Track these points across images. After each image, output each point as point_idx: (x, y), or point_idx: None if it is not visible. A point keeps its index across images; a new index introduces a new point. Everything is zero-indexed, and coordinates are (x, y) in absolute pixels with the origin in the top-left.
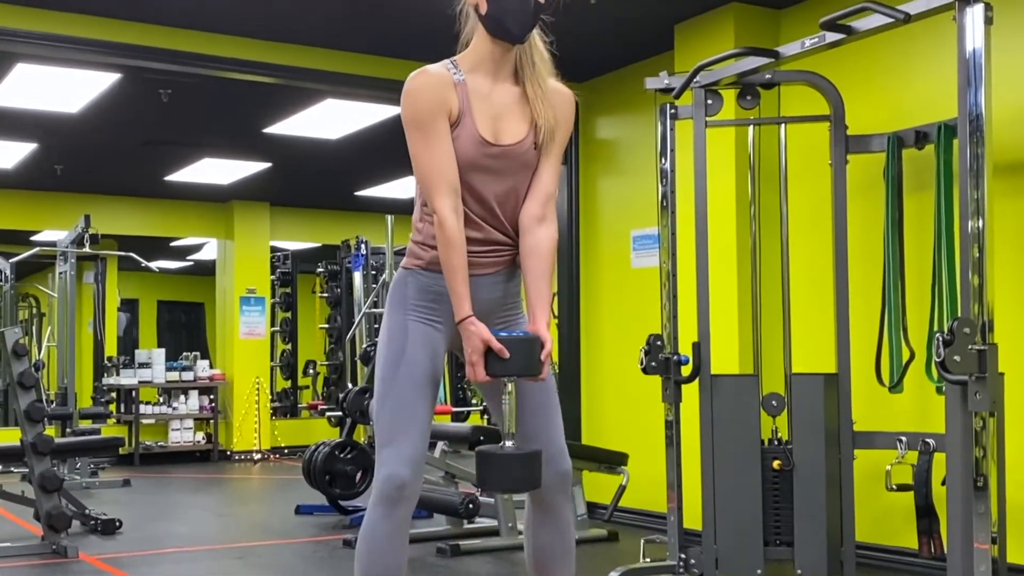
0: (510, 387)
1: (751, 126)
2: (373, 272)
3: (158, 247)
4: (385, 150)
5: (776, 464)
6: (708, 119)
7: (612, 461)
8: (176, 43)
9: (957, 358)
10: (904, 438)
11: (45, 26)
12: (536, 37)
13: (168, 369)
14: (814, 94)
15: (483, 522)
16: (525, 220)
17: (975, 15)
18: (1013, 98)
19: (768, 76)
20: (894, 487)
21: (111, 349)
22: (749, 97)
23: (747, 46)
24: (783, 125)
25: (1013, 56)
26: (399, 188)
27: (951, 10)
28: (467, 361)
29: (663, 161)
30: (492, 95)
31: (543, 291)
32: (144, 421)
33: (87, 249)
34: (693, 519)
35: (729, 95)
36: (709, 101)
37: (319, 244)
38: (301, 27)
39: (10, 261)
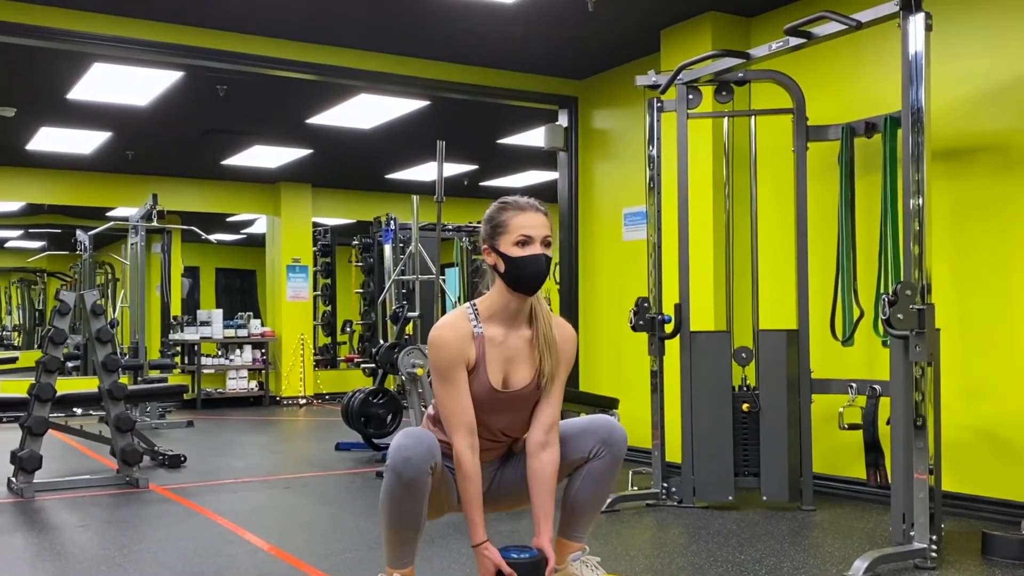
0: None
1: (726, 118)
2: (401, 244)
3: (216, 222)
4: (411, 139)
5: (745, 407)
6: (689, 112)
7: (605, 405)
8: (231, 45)
9: (900, 316)
10: (854, 384)
11: (118, 30)
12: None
13: (225, 327)
14: (779, 90)
15: None
16: (532, 447)
17: (917, 23)
18: (949, 94)
19: (740, 75)
20: (846, 426)
21: (176, 309)
22: (724, 93)
23: (722, 49)
24: (753, 117)
25: (950, 58)
26: (423, 172)
27: (897, 18)
28: None
29: (650, 148)
30: (506, 341)
31: (548, 509)
32: (205, 371)
33: (155, 223)
34: (674, 454)
35: (707, 91)
36: (690, 96)
37: (354, 220)
38: (339, 31)
39: (89, 234)
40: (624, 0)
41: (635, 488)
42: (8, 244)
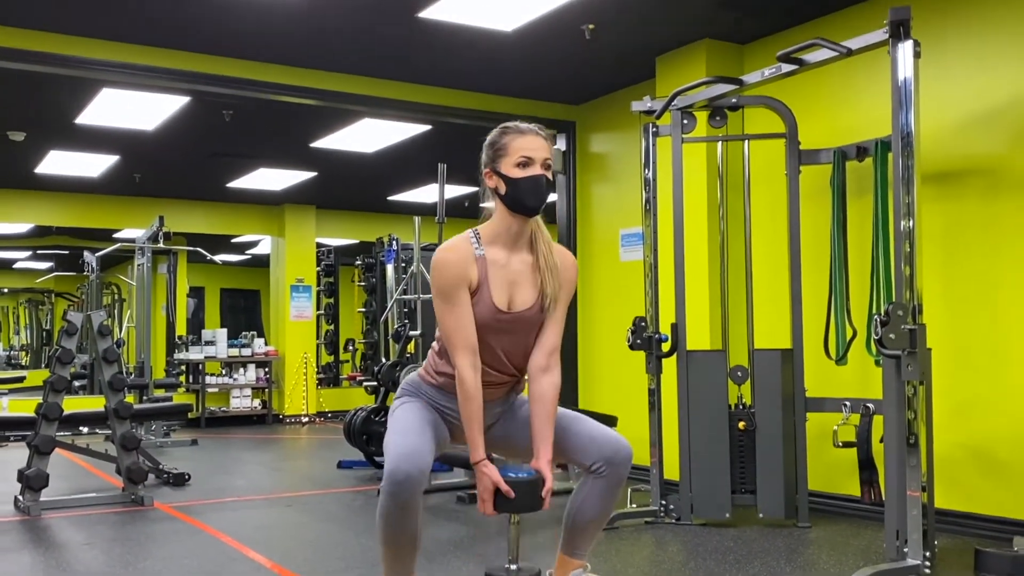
0: (516, 518)
1: (720, 142)
2: (403, 264)
3: (221, 243)
4: (412, 162)
5: (741, 425)
6: (684, 136)
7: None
8: (237, 71)
9: (892, 336)
10: (848, 403)
11: (126, 57)
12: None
13: (229, 346)
14: (772, 115)
15: None
16: (533, 370)
17: (906, 50)
18: (937, 119)
19: (734, 100)
20: (840, 444)
21: (181, 329)
22: (718, 118)
23: (716, 75)
24: (746, 141)
25: (937, 84)
26: (425, 194)
27: (886, 45)
28: (478, 497)
29: (646, 171)
30: (509, 264)
31: (547, 433)
32: (209, 390)
33: (161, 244)
34: (672, 471)
35: (701, 116)
36: (685, 121)
37: (357, 240)
38: (343, 58)
39: (96, 255)
40: (620, 28)
41: (634, 505)
42: (17, 265)
